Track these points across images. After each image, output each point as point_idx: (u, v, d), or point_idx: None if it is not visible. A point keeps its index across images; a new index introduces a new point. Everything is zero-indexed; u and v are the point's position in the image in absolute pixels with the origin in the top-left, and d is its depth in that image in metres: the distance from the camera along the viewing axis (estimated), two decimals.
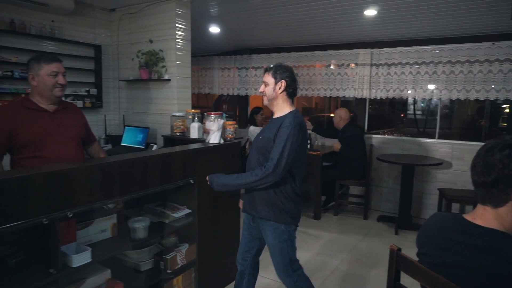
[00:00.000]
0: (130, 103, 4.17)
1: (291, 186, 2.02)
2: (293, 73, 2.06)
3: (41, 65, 2.10)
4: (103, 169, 1.93)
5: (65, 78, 2.20)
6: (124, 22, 4.07)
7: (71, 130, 2.27)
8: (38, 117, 2.14)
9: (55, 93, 2.16)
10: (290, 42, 5.57)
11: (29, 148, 2.10)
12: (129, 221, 2.28)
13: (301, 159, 2.02)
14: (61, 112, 2.25)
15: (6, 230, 1.55)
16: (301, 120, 1.99)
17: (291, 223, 2.06)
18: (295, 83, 2.05)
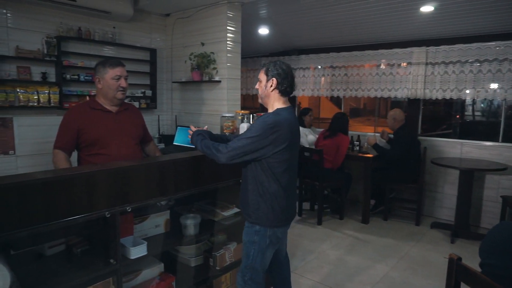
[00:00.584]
0: (182, 104, 4.33)
1: (270, 188, 1.90)
2: (287, 71, 1.93)
3: (106, 69, 2.26)
4: (159, 167, 2.03)
5: (127, 81, 2.35)
6: (178, 26, 4.24)
7: (131, 130, 2.41)
8: (102, 117, 2.30)
9: (117, 96, 2.30)
10: (340, 41, 5.46)
11: (94, 146, 2.27)
12: (181, 217, 2.37)
13: (282, 159, 1.87)
14: (123, 113, 2.40)
15: (75, 222, 1.69)
16: (280, 119, 1.84)
17: (266, 225, 1.94)
18: (288, 81, 1.93)
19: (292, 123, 1.90)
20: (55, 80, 3.46)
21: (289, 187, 1.95)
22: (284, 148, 1.85)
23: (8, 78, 3.14)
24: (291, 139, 1.87)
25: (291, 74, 1.96)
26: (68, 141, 2.25)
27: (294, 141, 1.93)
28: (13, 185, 1.48)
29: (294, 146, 1.94)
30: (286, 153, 1.87)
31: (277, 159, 1.86)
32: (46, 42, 3.31)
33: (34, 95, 3.26)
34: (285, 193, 1.93)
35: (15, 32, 3.23)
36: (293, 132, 1.90)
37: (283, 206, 1.93)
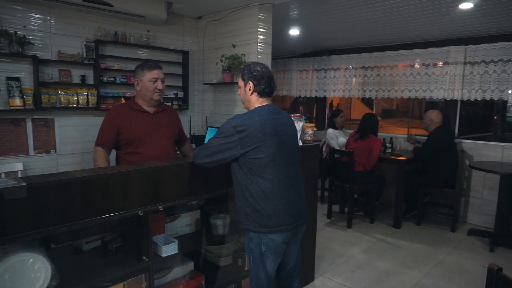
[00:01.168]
0: (213, 105, 4.40)
1: (253, 191, 1.81)
2: (262, 72, 1.88)
3: (144, 72, 2.36)
4: (190, 167, 2.07)
5: (164, 84, 2.43)
6: (209, 28, 4.31)
7: (167, 130, 2.50)
8: (140, 118, 2.40)
9: (154, 97, 2.40)
10: (372, 41, 5.35)
11: (131, 145, 2.37)
12: (211, 217, 2.41)
13: (259, 159, 1.78)
14: (160, 114, 2.49)
15: (110, 219, 1.76)
16: (247, 118, 1.78)
17: (258, 231, 1.84)
18: (265, 81, 1.87)
19: (268, 121, 1.79)
20: (93, 83, 3.61)
21: (277, 189, 1.81)
22: (257, 148, 1.76)
23: (50, 81, 3.32)
24: (265, 137, 1.76)
25: (268, 74, 1.91)
26: (109, 138, 2.36)
27: (274, 139, 1.79)
28: (56, 183, 1.56)
29: (276, 144, 1.80)
30: (262, 152, 1.77)
31: (253, 159, 1.78)
32: (85, 46, 3.46)
33: (74, 97, 3.42)
34: (273, 196, 1.80)
35: (57, 37, 3.40)
36: (269, 130, 1.78)
37: (273, 210, 1.80)
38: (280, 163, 1.82)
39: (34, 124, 3.30)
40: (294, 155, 1.94)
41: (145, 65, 2.37)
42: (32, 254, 1.55)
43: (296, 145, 1.99)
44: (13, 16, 3.14)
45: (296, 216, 1.90)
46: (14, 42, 3.03)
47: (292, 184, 1.89)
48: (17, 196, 1.46)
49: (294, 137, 1.98)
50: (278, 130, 1.82)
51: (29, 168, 3.31)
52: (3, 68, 3.11)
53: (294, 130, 1.99)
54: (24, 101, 3.14)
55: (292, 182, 1.89)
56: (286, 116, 1.97)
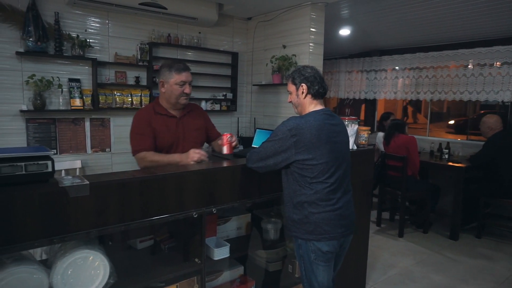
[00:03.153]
0: (261, 107, 4.36)
1: (303, 196, 1.76)
2: (314, 73, 1.84)
3: (172, 74, 2.14)
4: (244, 169, 2.03)
5: (191, 87, 2.22)
6: (259, 29, 4.28)
7: (195, 134, 2.32)
8: (167, 123, 2.22)
9: (180, 101, 2.20)
10: (428, 40, 5.05)
11: (160, 152, 2.20)
12: (263, 221, 2.36)
13: (312, 164, 1.71)
14: (186, 116, 2.30)
15: (166, 220, 1.75)
16: (303, 122, 1.72)
17: (305, 239, 1.78)
18: (318, 82, 1.82)
19: (324, 127, 1.73)
20: (146, 84, 3.71)
21: (327, 197, 1.75)
22: (310, 153, 1.70)
23: (107, 82, 3.45)
24: (320, 144, 1.71)
25: (319, 75, 1.86)
26: (150, 140, 2.16)
27: (328, 146, 1.73)
28: (116, 183, 1.58)
29: (330, 152, 1.73)
30: (315, 158, 1.71)
31: (305, 164, 1.72)
32: (140, 49, 3.57)
33: (128, 98, 3.53)
34: (324, 202, 1.74)
35: (114, 40, 3.54)
36: (324, 137, 1.72)
37: (323, 217, 1.74)
38: (332, 171, 1.76)
39: (92, 124, 3.45)
40: (346, 163, 1.87)
41: (173, 66, 2.15)
42: (92, 251, 1.57)
43: (348, 153, 1.91)
44: (75, 20, 3.30)
45: (345, 225, 1.82)
46: (76, 46, 3.18)
47: (343, 193, 1.83)
48: (81, 194, 1.49)
49: (346, 144, 1.91)
50: (333, 137, 1.77)
51: (87, 165, 3.46)
52: (66, 70, 3.27)
53: (347, 136, 1.93)
54: (83, 101, 3.29)
55: (342, 191, 1.82)
56: (340, 122, 1.90)
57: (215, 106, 4.18)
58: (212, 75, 4.19)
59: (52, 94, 3.21)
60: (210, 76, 4.17)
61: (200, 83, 4.10)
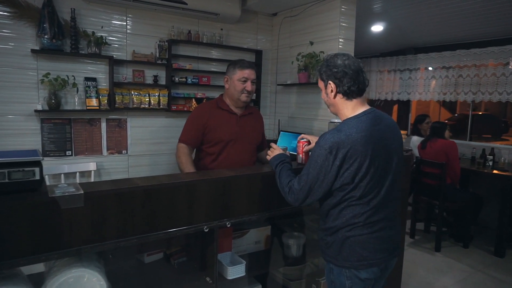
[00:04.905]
0: (286, 108, 4.10)
1: (340, 217, 1.47)
2: (345, 65, 1.44)
3: (235, 70, 2.22)
4: (262, 178, 1.80)
5: (254, 85, 2.28)
6: (285, 26, 4.03)
7: (251, 135, 2.36)
8: (228, 119, 2.27)
9: (241, 98, 2.24)
10: (469, 36, 4.63)
11: (215, 146, 2.25)
12: (284, 236, 2.12)
13: (354, 186, 1.41)
14: (246, 116, 2.35)
15: (173, 235, 1.55)
16: (341, 136, 1.38)
17: (340, 265, 1.49)
18: (350, 77, 1.43)
19: (371, 139, 1.39)
20: (165, 83, 3.54)
21: (370, 219, 1.44)
22: (355, 172, 1.39)
23: (124, 81, 3.30)
24: (365, 159, 1.38)
25: (353, 66, 1.44)
26: (194, 137, 2.26)
27: (376, 161, 1.40)
28: (115, 192, 1.39)
29: (378, 168, 1.41)
30: (358, 177, 1.40)
31: (347, 184, 1.42)
32: (159, 46, 3.40)
33: (146, 98, 3.37)
34: (366, 225, 1.44)
35: (132, 37, 3.39)
36: (372, 151, 1.39)
37: (359, 240, 1.45)
38: (378, 188, 1.44)
39: (108, 125, 3.32)
40: (396, 177, 1.50)
41: (237, 63, 2.25)
42: (88, 269, 1.40)
43: (400, 164, 1.52)
44: (92, 17, 3.18)
45: (388, 249, 1.51)
46: (92, 43, 3.05)
47: (390, 212, 1.50)
48: (74, 206, 1.31)
49: (399, 154, 1.51)
50: (382, 147, 1.43)
51: (102, 168, 3.33)
52: (82, 69, 3.15)
53: (399, 143, 1.53)
54: (99, 101, 3.16)
55: (389, 210, 1.50)
56: (390, 123, 1.50)
57: None
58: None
59: (68, 94, 3.10)
60: None
61: (222, 83, 3.89)
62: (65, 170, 3.07)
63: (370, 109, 1.49)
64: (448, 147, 3.88)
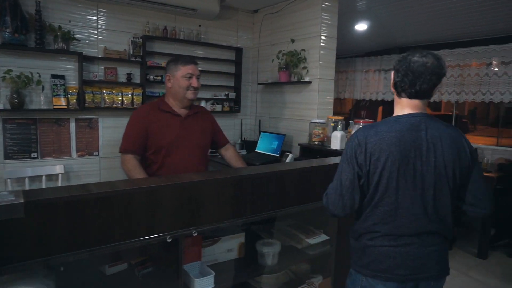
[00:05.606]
0: (267, 108, 3.98)
1: (360, 222, 1.42)
2: (403, 61, 1.33)
3: (178, 67, 2.06)
4: (234, 183, 1.67)
5: (199, 81, 2.12)
6: (266, 23, 3.91)
7: (198, 137, 2.18)
8: (170, 122, 2.09)
9: (188, 96, 2.08)
10: (454, 36, 4.59)
11: (158, 154, 2.06)
12: (258, 243, 1.98)
13: (377, 183, 1.32)
14: (192, 117, 2.18)
15: (132, 246, 1.41)
16: (370, 133, 1.32)
17: (357, 271, 1.45)
18: (401, 74, 1.32)
19: (402, 136, 1.29)
20: (139, 81, 3.38)
21: (396, 229, 1.33)
22: (375, 174, 1.31)
23: (95, 79, 3.13)
24: (387, 161, 1.29)
25: (416, 65, 1.29)
26: (137, 143, 2.05)
27: (403, 162, 1.29)
28: (64, 201, 1.24)
29: (403, 175, 1.29)
30: (372, 177, 1.32)
31: (366, 184, 1.34)
32: (132, 42, 3.24)
33: (118, 97, 3.21)
34: (388, 237, 1.34)
35: (104, 33, 3.23)
36: (398, 154, 1.28)
37: (380, 252, 1.36)
38: (401, 197, 1.31)
39: (78, 125, 3.14)
40: (437, 193, 1.32)
41: (179, 59, 2.10)
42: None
43: (445, 180, 1.31)
44: (59, 10, 3.00)
45: (414, 268, 1.35)
46: (59, 38, 2.88)
47: (419, 227, 1.34)
48: (13, 216, 1.15)
49: (444, 169, 1.30)
50: (412, 154, 1.29)
51: (71, 170, 3.15)
52: (48, 66, 2.97)
53: (452, 157, 1.30)
54: (68, 100, 2.98)
55: (418, 224, 1.33)
56: (439, 136, 1.31)
57: (216, 106, 3.82)
58: (214, 72, 3.83)
59: (33, 92, 2.91)
60: (211, 73, 3.82)
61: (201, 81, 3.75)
62: (29, 174, 2.88)
63: (421, 113, 1.33)
64: None
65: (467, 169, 1.31)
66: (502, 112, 5.17)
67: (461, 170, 1.30)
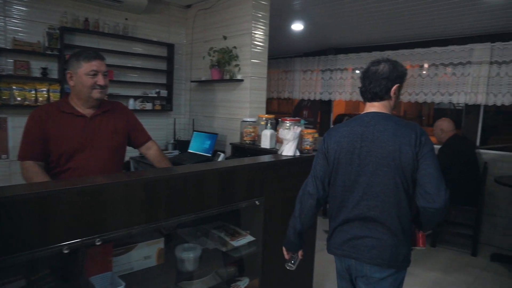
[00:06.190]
0: (201, 106, 3.86)
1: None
2: (366, 68, 1.63)
3: (80, 63, 1.84)
4: (145, 186, 1.55)
5: (106, 78, 1.92)
6: (199, 18, 3.79)
7: (109, 138, 1.97)
8: (72, 124, 1.87)
9: (93, 95, 1.88)
10: (384, 39, 4.81)
11: (60, 160, 1.85)
12: (177, 249, 1.88)
13: (328, 171, 1.61)
14: (100, 117, 1.96)
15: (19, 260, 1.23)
16: (331, 130, 1.64)
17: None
18: (363, 80, 1.61)
19: (354, 131, 1.52)
20: (57, 77, 3.10)
21: (339, 206, 1.56)
22: (328, 158, 1.59)
23: (2, 74, 2.81)
24: (343, 148, 1.54)
25: (370, 70, 1.58)
26: (36, 149, 1.83)
27: (353, 151, 1.51)
28: None
29: (352, 158, 1.51)
30: (331, 164, 1.58)
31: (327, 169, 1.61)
32: (48, 34, 2.96)
33: (31, 93, 2.91)
34: (333, 218, 1.60)
35: (14, 22, 2.90)
36: (351, 141, 1.52)
37: (333, 228, 1.60)
38: (343, 182, 1.54)
39: None
40: (373, 179, 1.47)
41: (81, 54, 1.86)
42: None
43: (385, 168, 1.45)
44: None
45: (354, 247, 1.51)
46: None
47: (358, 212, 1.50)
48: None
49: (385, 158, 1.45)
50: (356, 146, 1.51)
51: None
52: None
53: (385, 146, 1.45)
54: None
55: (359, 209, 1.50)
56: (381, 127, 1.48)
57: (146, 105, 3.62)
58: (143, 69, 3.64)
59: None
60: (140, 70, 3.62)
61: (127, 78, 3.54)
62: None
63: (374, 112, 1.55)
64: None
65: (412, 162, 1.41)
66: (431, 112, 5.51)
67: (403, 162, 1.42)
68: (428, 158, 1.42)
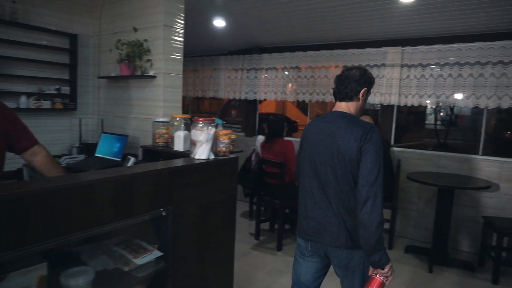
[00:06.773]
0: (112, 105, 3.48)
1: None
2: (344, 72, 1.81)
3: None
4: (10, 202, 1.23)
5: None
6: (107, 7, 3.41)
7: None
8: None
9: None
10: (306, 39, 4.85)
11: None
12: (62, 275, 1.57)
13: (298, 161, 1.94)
14: None
15: None
16: (306, 126, 1.91)
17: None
18: (335, 81, 1.82)
19: (318, 126, 1.77)
20: None
21: (304, 193, 1.81)
22: (300, 153, 1.86)
23: None
24: (308, 140, 1.80)
25: (343, 74, 1.78)
26: None
27: (309, 147, 1.78)
28: None
29: (313, 149, 1.75)
30: (300, 154, 1.86)
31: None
32: None
33: None
34: (302, 199, 1.82)
35: None
36: (310, 139, 1.78)
37: (301, 212, 1.84)
38: (308, 171, 1.78)
39: None
40: (328, 169, 1.69)
41: None
42: None
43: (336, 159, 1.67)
44: None
45: (314, 229, 1.76)
46: None
47: (318, 198, 1.74)
48: None
49: (323, 141, 1.71)
50: (317, 133, 1.75)
51: None
52: None
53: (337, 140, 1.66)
54: None
55: (317, 197, 1.74)
56: (337, 124, 1.70)
57: (42, 103, 3.14)
58: (38, 61, 3.15)
59: None
60: (34, 63, 3.13)
61: (17, 72, 3.04)
62: None
63: (338, 111, 1.77)
64: (285, 147, 3.93)
65: (355, 156, 1.59)
66: None
67: (351, 155, 1.60)
68: (368, 154, 1.58)
